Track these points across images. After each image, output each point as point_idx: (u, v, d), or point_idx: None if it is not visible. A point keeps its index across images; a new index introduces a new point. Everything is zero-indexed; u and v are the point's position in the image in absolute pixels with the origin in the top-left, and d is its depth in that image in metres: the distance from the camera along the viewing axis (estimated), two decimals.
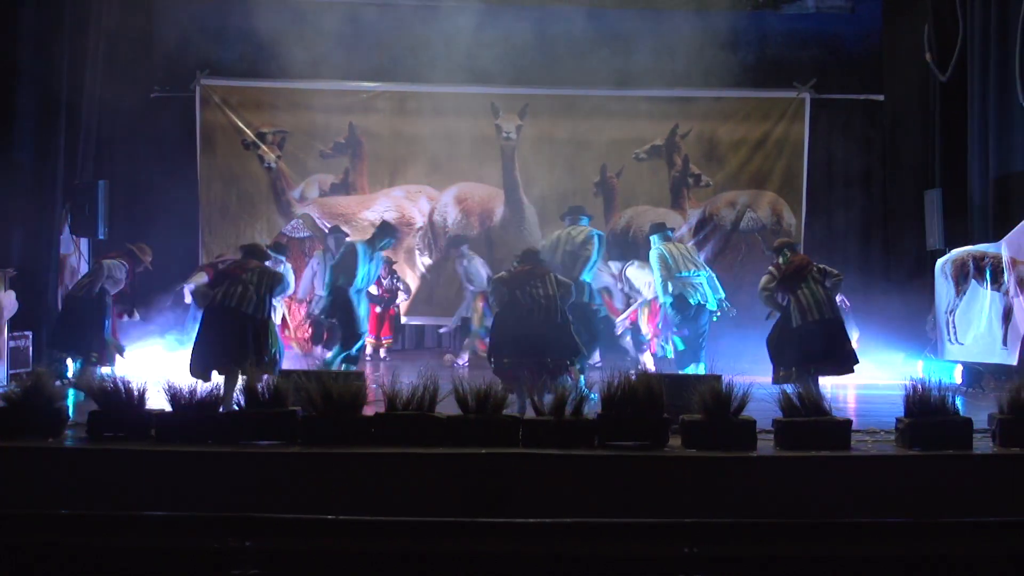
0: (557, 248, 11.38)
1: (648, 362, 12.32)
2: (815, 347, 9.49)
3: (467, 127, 15.55)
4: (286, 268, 12.17)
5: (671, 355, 11.68)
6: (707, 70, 14.86)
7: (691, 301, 11.27)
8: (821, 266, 9.99)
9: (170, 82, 15.20)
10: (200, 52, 14.61)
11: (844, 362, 9.67)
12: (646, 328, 12.55)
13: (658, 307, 11.86)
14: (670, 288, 11.40)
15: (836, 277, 9.94)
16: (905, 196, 14.90)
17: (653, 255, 11.58)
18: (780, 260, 10.04)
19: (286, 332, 13.44)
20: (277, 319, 12.30)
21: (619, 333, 12.85)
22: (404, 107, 15.60)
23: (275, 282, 9.76)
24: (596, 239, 11.49)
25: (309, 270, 13.98)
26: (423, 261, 15.54)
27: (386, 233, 11.50)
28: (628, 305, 12.93)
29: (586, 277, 11.28)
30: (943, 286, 11.66)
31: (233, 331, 9.39)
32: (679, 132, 15.66)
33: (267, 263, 10.15)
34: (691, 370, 10.82)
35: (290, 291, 11.69)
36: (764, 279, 9.97)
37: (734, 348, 14.94)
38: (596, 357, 12.55)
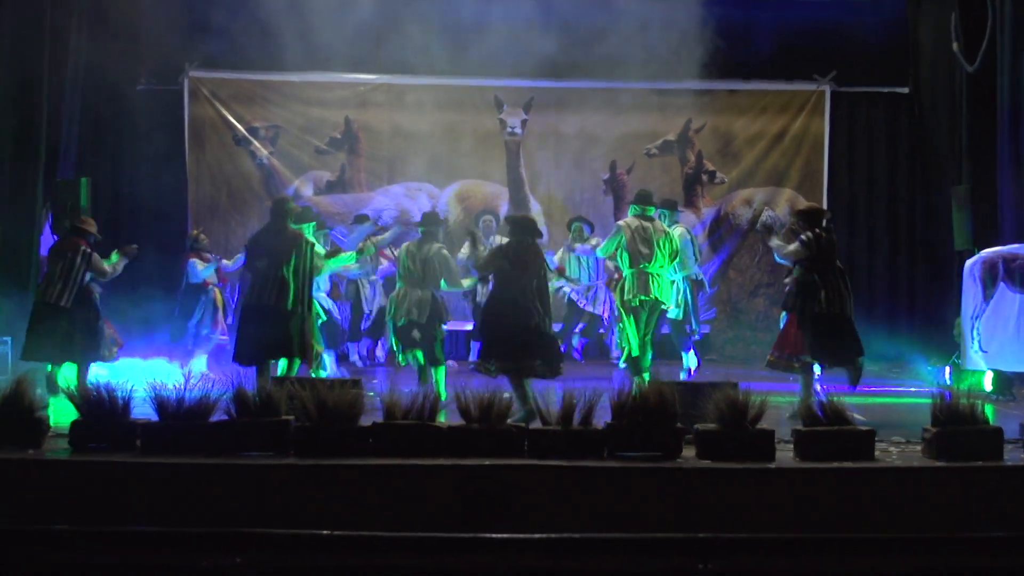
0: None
1: None
2: (825, 340, 9.40)
3: (470, 121, 15.58)
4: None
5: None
6: (722, 61, 14.85)
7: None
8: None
9: (157, 74, 15.21)
10: (189, 43, 14.60)
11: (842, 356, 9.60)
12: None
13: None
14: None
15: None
16: (931, 193, 14.90)
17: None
18: (811, 235, 9.50)
19: None
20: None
21: None
22: (403, 100, 15.61)
23: (314, 261, 9.82)
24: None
25: None
26: None
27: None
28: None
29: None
30: (971, 289, 11.62)
31: (269, 325, 9.60)
32: (692, 127, 15.66)
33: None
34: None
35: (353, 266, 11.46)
36: (795, 247, 9.53)
37: (747, 352, 15.05)
38: None
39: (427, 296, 10.39)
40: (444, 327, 10.74)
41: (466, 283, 11.09)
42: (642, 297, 10.49)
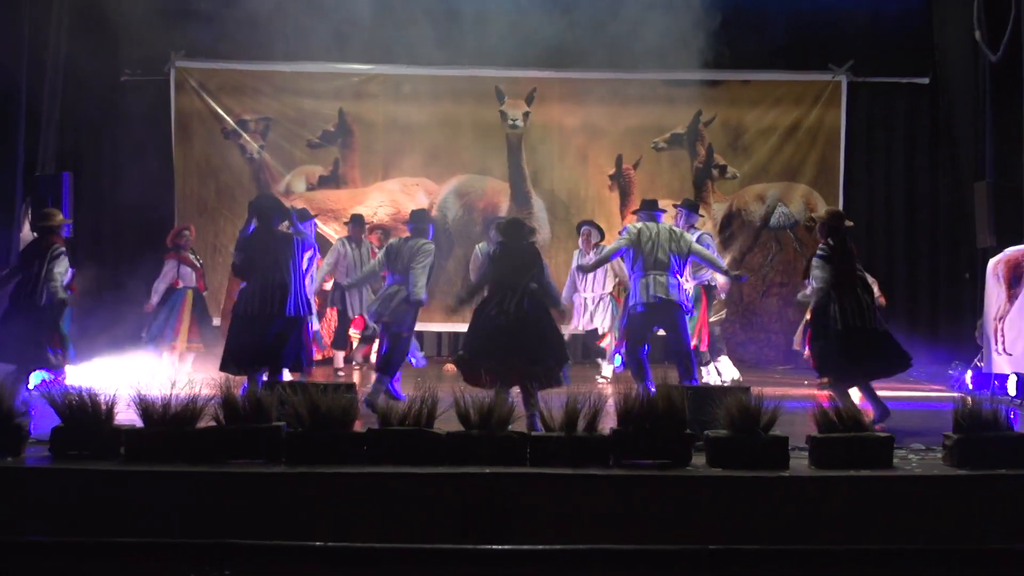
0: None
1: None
2: (860, 355, 9.45)
3: (469, 114, 15.59)
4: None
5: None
6: (734, 50, 14.85)
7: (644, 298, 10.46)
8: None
9: (142, 64, 15.22)
10: (175, 31, 14.60)
11: (897, 362, 9.70)
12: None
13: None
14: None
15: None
16: (952, 189, 14.88)
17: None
18: (832, 241, 9.67)
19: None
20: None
21: None
22: (399, 92, 15.63)
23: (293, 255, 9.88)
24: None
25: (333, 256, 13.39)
26: None
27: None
28: None
29: None
30: (994, 289, 11.63)
31: (258, 333, 9.69)
32: (702, 119, 15.66)
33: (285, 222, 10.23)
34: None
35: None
36: (821, 268, 9.59)
37: (759, 354, 15.04)
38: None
39: (403, 293, 10.41)
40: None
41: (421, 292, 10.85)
42: (652, 300, 10.43)
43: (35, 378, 10.59)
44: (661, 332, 10.82)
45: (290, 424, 7.46)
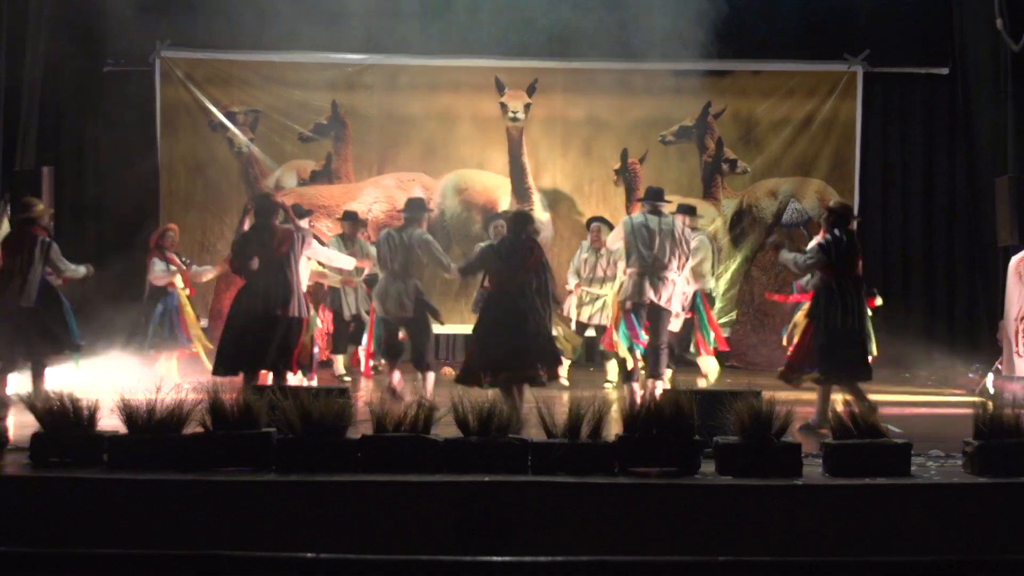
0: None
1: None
2: (849, 355, 9.52)
3: (468, 106, 15.58)
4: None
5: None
6: (745, 39, 14.83)
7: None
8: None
9: (125, 54, 15.19)
10: (160, 19, 14.60)
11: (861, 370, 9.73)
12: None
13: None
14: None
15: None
16: (973, 184, 14.87)
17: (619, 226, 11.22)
18: (839, 234, 9.66)
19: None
20: None
21: None
22: (395, 83, 15.61)
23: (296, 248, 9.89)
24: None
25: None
26: None
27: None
28: None
29: None
30: (1015, 288, 11.62)
31: (259, 333, 9.72)
32: (712, 111, 15.66)
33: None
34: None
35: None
36: (814, 257, 9.65)
37: (771, 357, 15.01)
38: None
39: (410, 288, 10.40)
40: (434, 326, 10.78)
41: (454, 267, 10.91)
42: (637, 300, 10.53)
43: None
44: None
45: (280, 430, 7.45)
